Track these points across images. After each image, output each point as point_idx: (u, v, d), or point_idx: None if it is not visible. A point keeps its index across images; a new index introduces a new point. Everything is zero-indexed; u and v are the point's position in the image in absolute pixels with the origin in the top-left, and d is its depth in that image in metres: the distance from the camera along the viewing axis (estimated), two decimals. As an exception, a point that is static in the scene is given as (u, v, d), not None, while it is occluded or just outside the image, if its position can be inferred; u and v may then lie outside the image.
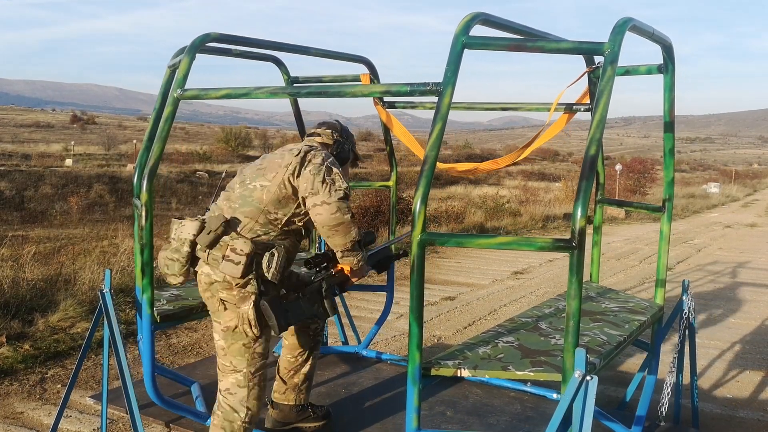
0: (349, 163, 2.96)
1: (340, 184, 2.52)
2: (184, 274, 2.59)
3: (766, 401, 4.32)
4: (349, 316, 4.82)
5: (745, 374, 4.82)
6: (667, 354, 4.05)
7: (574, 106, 3.16)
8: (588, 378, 1.92)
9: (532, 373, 2.20)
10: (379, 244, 3.11)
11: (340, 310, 4.64)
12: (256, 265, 2.50)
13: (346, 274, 2.73)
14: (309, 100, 2.72)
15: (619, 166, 28.24)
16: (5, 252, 7.06)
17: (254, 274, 2.51)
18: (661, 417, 3.29)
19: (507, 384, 3.61)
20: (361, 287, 6.39)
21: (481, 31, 2.18)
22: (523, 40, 2.27)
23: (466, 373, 2.17)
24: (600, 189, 3.65)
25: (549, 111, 2.90)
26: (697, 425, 3.59)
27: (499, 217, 15.13)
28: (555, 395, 3.49)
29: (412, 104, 3.71)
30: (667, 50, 2.81)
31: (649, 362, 3.27)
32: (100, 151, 46.31)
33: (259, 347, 2.60)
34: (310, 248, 4.30)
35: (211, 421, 2.68)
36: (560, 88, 3.67)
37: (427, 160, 1.99)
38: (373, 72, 3.77)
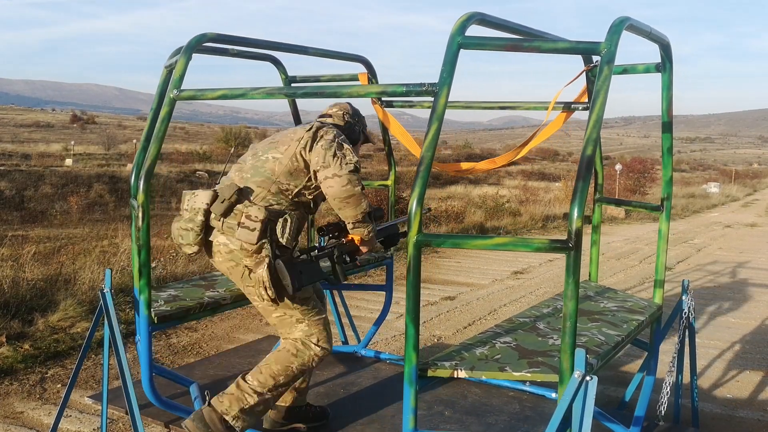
0: (360, 144, 3.05)
1: (351, 158, 2.60)
2: (199, 243, 2.64)
3: (766, 401, 4.31)
4: (349, 316, 4.81)
5: (745, 374, 4.81)
6: (668, 354, 4.05)
7: (572, 105, 3.15)
8: (588, 378, 1.92)
9: (530, 374, 2.19)
10: (387, 221, 3.16)
11: (340, 310, 4.64)
12: (270, 232, 2.57)
13: (356, 244, 2.80)
14: (307, 99, 2.74)
15: (618, 166, 28.24)
16: (5, 252, 7.06)
17: (268, 240, 2.57)
18: (660, 417, 3.28)
19: (506, 383, 3.60)
20: (360, 287, 6.47)
21: (478, 31, 2.17)
22: (520, 40, 2.26)
23: (462, 374, 2.17)
24: (599, 188, 3.65)
25: (547, 110, 2.90)
26: (697, 425, 3.59)
27: (499, 217, 15.12)
28: (554, 395, 3.47)
29: (411, 103, 3.70)
30: (665, 49, 2.80)
31: (648, 362, 3.27)
32: (100, 150, 46.35)
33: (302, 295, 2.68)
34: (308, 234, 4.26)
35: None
36: (558, 88, 3.67)
37: (423, 161, 1.98)
38: (371, 71, 3.77)
